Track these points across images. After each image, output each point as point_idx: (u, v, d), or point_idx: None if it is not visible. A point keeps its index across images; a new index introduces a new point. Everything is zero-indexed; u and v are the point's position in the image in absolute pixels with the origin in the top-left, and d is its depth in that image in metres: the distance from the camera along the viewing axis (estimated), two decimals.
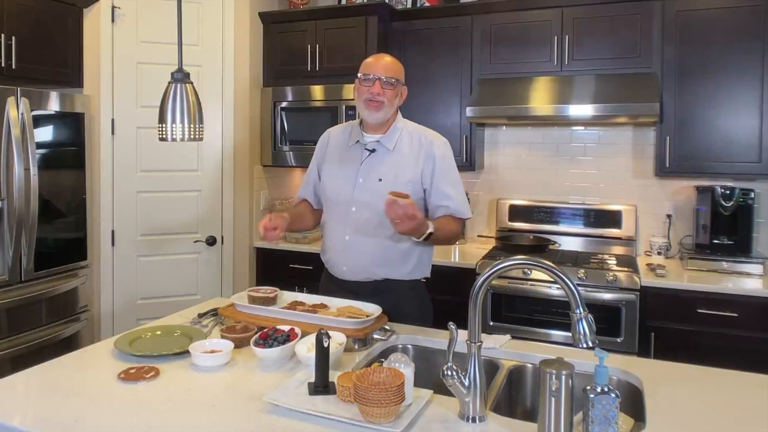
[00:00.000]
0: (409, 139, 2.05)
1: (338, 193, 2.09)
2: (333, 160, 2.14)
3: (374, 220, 2.00)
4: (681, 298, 2.72)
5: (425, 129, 2.12)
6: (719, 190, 2.99)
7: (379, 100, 1.98)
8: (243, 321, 1.84)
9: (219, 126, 3.47)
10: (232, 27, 3.47)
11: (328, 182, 2.14)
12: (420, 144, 2.04)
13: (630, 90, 2.96)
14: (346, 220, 2.06)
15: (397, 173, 2.01)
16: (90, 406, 1.35)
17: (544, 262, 1.29)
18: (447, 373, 1.30)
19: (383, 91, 1.97)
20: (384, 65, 2.00)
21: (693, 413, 1.36)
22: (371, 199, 2.00)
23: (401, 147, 2.04)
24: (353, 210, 2.04)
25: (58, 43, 3.11)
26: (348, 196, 2.05)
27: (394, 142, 2.04)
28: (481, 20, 3.35)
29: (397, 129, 2.06)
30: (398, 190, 1.92)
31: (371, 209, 2.00)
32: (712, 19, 2.91)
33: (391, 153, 2.04)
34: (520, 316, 2.98)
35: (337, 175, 2.11)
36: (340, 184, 2.08)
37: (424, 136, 2.07)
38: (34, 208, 2.85)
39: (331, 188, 2.12)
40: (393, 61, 2.03)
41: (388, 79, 1.98)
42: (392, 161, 2.03)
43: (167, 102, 1.73)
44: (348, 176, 2.07)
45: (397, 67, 2.03)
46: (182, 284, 3.43)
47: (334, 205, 2.11)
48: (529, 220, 3.52)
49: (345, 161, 2.10)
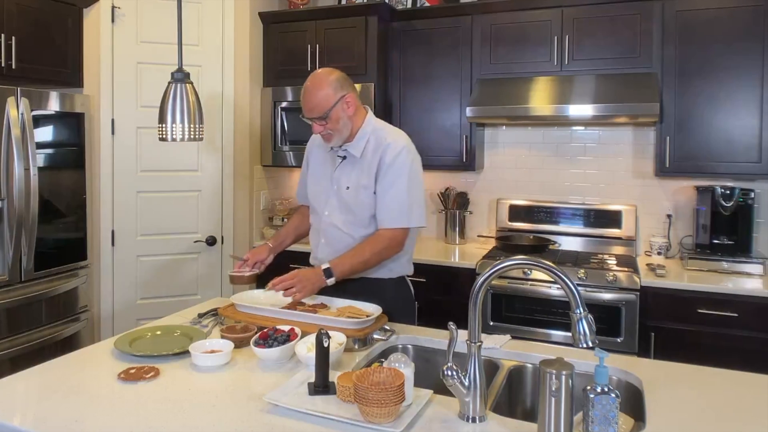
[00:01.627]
0: (375, 145, 2.03)
1: (316, 198, 2.17)
2: (316, 163, 2.20)
3: (346, 225, 2.06)
4: (681, 298, 2.72)
5: (389, 132, 2.07)
6: (719, 190, 2.99)
7: (325, 134, 2.00)
8: (243, 321, 1.84)
9: (219, 126, 3.47)
10: (232, 27, 3.47)
11: (310, 188, 2.21)
12: (377, 148, 2.01)
13: (630, 90, 2.96)
14: (320, 223, 2.13)
15: (359, 180, 2.03)
16: (90, 406, 1.35)
17: (544, 262, 1.29)
18: (447, 373, 1.30)
19: (323, 127, 1.97)
20: (308, 108, 1.96)
21: (693, 413, 1.36)
22: (341, 205, 2.07)
23: (367, 153, 2.03)
24: (326, 214, 2.11)
25: (58, 43, 3.11)
26: (323, 202, 2.12)
27: (361, 149, 2.03)
28: (481, 20, 3.35)
29: (365, 135, 2.04)
30: (360, 197, 2.02)
31: (341, 215, 2.07)
32: (712, 19, 2.91)
33: (358, 160, 2.04)
34: (520, 316, 2.98)
35: (317, 179, 2.18)
36: (318, 190, 2.15)
37: (384, 139, 2.02)
38: (34, 208, 2.85)
39: (312, 194, 2.20)
40: (314, 97, 1.93)
41: (318, 117, 1.94)
42: (358, 168, 2.04)
43: (167, 102, 1.73)
44: (324, 182, 2.13)
45: (321, 97, 1.93)
46: (182, 284, 3.43)
47: (313, 209, 2.19)
48: (529, 220, 3.52)
49: (324, 166, 2.15)
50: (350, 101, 1.98)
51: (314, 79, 1.97)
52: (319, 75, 1.98)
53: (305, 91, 1.96)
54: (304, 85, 1.98)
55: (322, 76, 1.97)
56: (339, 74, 1.99)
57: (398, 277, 2.13)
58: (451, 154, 3.46)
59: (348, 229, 2.05)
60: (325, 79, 1.95)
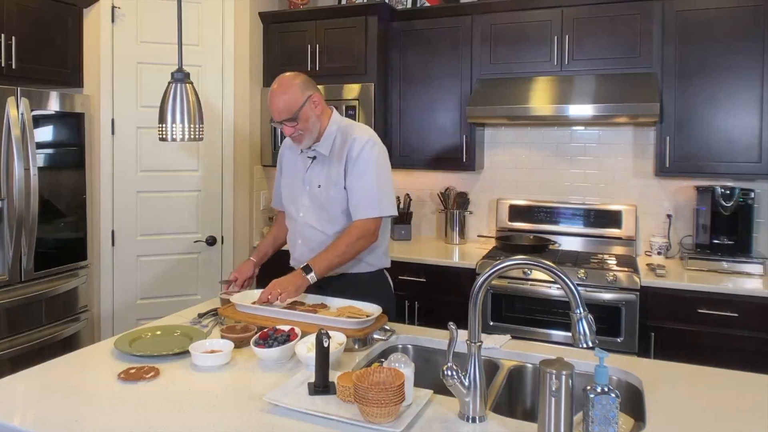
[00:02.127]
0: (342, 142, 2.08)
1: (290, 200, 2.22)
2: (288, 167, 2.25)
3: (317, 224, 2.11)
4: (681, 298, 2.72)
5: (354, 127, 2.13)
6: (719, 190, 2.99)
7: (296, 136, 2.04)
8: (243, 321, 1.84)
9: (219, 126, 3.46)
10: (232, 27, 3.46)
11: (284, 191, 2.27)
12: (343, 144, 2.07)
13: (630, 90, 2.96)
14: (296, 225, 2.19)
15: (329, 177, 2.08)
16: (90, 406, 1.35)
17: (544, 262, 1.29)
18: (447, 373, 1.30)
19: (293, 129, 2.01)
20: (277, 111, 1.99)
21: (693, 413, 1.36)
22: (313, 204, 2.12)
23: (334, 151, 2.09)
24: (300, 215, 2.16)
25: (58, 43, 3.11)
26: (297, 203, 2.17)
27: (329, 148, 2.08)
28: (481, 20, 3.35)
29: (332, 133, 2.10)
30: (331, 193, 2.08)
31: (315, 213, 2.12)
32: (712, 19, 2.91)
33: (326, 158, 2.09)
34: (520, 316, 2.98)
35: (290, 181, 2.23)
36: (292, 192, 2.20)
37: (350, 135, 2.08)
38: (34, 208, 2.85)
39: (285, 196, 2.25)
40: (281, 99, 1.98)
41: (288, 119, 1.98)
42: (327, 166, 2.09)
43: (167, 102, 1.73)
44: (297, 184, 2.18)
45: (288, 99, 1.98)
46: (182, 284, 3.43)
47: (288, 211, 2.24)
48: (529, 220, 3.52)
49: (295, 168, 2.20)
50: (317, 101, 2.04)
51: (280, 84, 2.02)
52: (284, 79, 2.03)
53: (272, 95, 2.00)
54: (270, 90, 2.02)
55: (288, 80, 2.02)
56: (303, 76, 2.05)
57: (377, 270, 2.18)
58: (451, 154, 3.46)
59: (322, 227, 2.10)
60: (290, 83, 2.01)
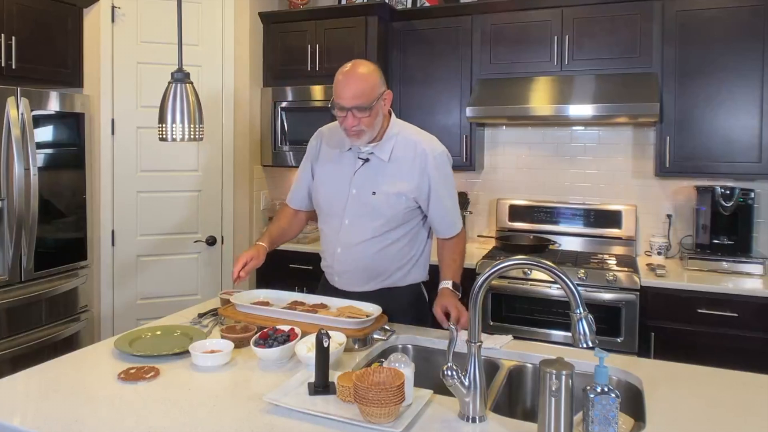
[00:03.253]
0: (404, 149, 1.92)
1: (331, 204, 2.01)
2: (326, 165, 2.04)
3: (367, 234, 1.94)
4: (681, 298, 2.72)
5: (421, 135, 1.99)
6: (719, 190, 2.99)
7: (357, 130, 1.83)
8: (243, 321, 1.84)
9: (219, 126, 3.46)
10: (232, 27, 3.46)
11: (321, 191, 2.05)
12: (415, 155, 1.91)
13: (630, 90, 2.96)
14: (338, 232, 1.99)
15: (390, 186, 1.90)
16: (90, 406, 1.35)
17: (544, 262, 1.29)
18: (447, 373, 1.30)
19: (359, 121, 1.80)
20: (352, 94, 1.77)
21: (693, 413, 1.36)
22: (364, 211, 1.93)
23: (396, 157, 1.91)
24: (346, 223, 1.96)
25: (58, 43, 3.11)
26: (340, 209, 1.97)
27: (389, 152, 1.91)
28: (481, 20, 3.34)
29: (392, 136, 1.93)
30: (391, 203, 1.92)
31: (363, 222, 1.94)
32: (712, 19, 2.91)
33: (385, 164, 1.91)
34: (520, 316, 2.98)
35: (330, 184, 2.01)
36: (333, 195, 1.99)
37: (420, 145, 1.93)
38: (34, 208, 2.85)
39: (324, 198, 2.03)
40: (362, 83, 1.78)
41: (360, 107, 1.78)
42: (387, 173, 1.91)
43: (167, 102, 1.73)
44: (341, 187, 1.97)
45: (369, 85, 1.79)
46: (182, 284, 3.43)
47: (327, 215, 2.04)
48: (529, 220, 3.51)
49: (338, 169, 1.99)
50: (388, 99, 1.89)
51: (359, 67, 1.81)
52: (364, 64, 1.84)
53: (348, 78, 1.79)
54: (344, 72, 1.81)
55: (368, 66, 1.83)
56: (380, 70, 1.88)
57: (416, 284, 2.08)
58: (451, 154, 3.42)
59: (371, 237, 1.93)
60: (371, 69, 1.83)
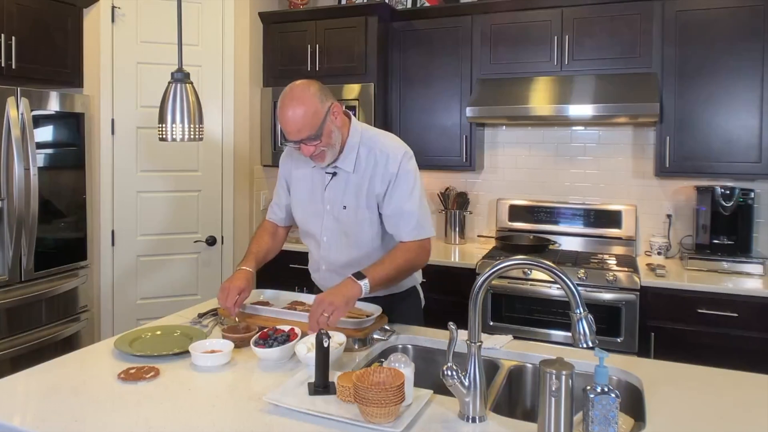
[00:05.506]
0: (367, 156, 1.88)
1: (308, 222, 2.01)
2: (299, 184, 2.02)
3: (347, 247, 1.94)
4: (681, 298, 2.72)
5: (382, 140, 1.92)
6: (719, 190, 2.99)
7: (317, 154, 1.80)
8: (242, 321, 1.84)
9: (219, 126, 3.46)
10: (232, 27, 3.46)
11: (298, 209, 2.03)
12: (376, 161, 1.87)
13: (630, 90, 2.96)
14: (319, 249, 1.99)
15: (357, 198, 1.89)
16: (90, 406, 1.35)
17: (544, 262, 1.29)
18: (447, 373, 1.30)
19: (315, 146, 1.77)
20: (296, 128, 1.73)
21: (693, 413, 1.36)
22: (339, 227, 1.93)
23: (359, 167, 1.88)
24: (325, 240, 1.96)
25: (58, 43, 3.11)
26: (318, 226, 1.97)
27: (352, 164, 1.88)
28: (481, 20, 3.35)
29: (353, 146, 1.88)
30: (360, 215, 1.88)
31: (341, 237, 1.94)
32: (712, 19, 2.91)
33: (350, 175, 1.89)
34: (520, 316, 2.98)
35: (306, 202, 2.00)
36: (310, 213, 1.99)
37: (381, 150, 1.88)
38: (34, 208, 2.85)
39: (302, 217, 2.03)
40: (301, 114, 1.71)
41: (310, 137, 1.74)
42: (353, 184, 1.89)
43: (167, 102, 1.73)
44: (315, 203, 1.97)
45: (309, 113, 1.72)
46: (182, 284, 3.43)
47: (306, 233, 2.05)
48: (529, 220, 3.52)
49: (311, 186, 1.98)
50: (336, 111, 1.81)
51: (294, 96, 1.74)
52: (298, 89, 1.75)
53: (286, 110, 1.73)
54: (283, 105, 1.74)
55: (302, 90, 1.75)
56: (317, 84, 1.80)
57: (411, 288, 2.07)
58: (451, 154, 3.46)
59: (349, 251, 1.93)
60: (306, 92, 1.74)
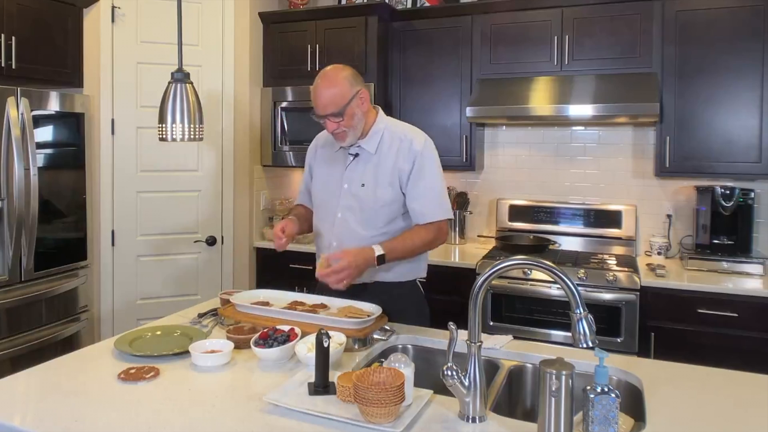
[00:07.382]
0: (390, 140, 2.02)
1: (324, 199, 2.11)
2: (322, 166, 2.15)
3: (360, 225, 2.01)
4: (681, 298, 2.72)
5: (407, 128, 2.08)
6: (719, 190, 2.99)
7: (339, 132, 1.96)
8: (242, 321, 1.84)
9: (219, 126, 3.47)
10: (232, 27, 3.47)
11: (317, 187, 2.16)
12: (400, 144, 2.00)
13: (630, 90, 2.96)
14: (332, 225, 2.06)
15: (377, 177, 1.99)
16: (90, 406, 1.35)
17: (544, 262, 1.29)
18: (447, 373, 1.30)
19: (337, 124, 1.93)
20: (323, 104, 1.91)
21: (693, 413, 1.36)
22: (355, 204, 2.02)
23: (383, 149, 2.01)
24: (339, 216, 2.04)
25: (58, 43, 3.11)
26: (334, 202, 2.06)
27: (375, 146, 2.01)
28: (481, 20, 3.35)
29: (378, 131, 2.02)
30: (379, 193, 1.98)
31: (356, 214, 2.02)
32: (712, 19, 2.91)
33: (372, 156, 2.01)
34: (520, 316, 2.98)
35: (324, 181, 2.12)
36: (327, 190, 2.10)
37: (405, 135, 2.02)
38: (34, 208, 2.85)
39: (318, 194, 2.14)
40: (331, 91, 1.90)
41: (334, 113, 1.90)
42: (373, 165, 2.01)
43: (167, 102, 1.73)
44: (334, 182, 2.07)
45: (338, 92, 1.90)
46: (182, 284, 3.43)
47: (322, 210, 2.13)
48: (529, 220, 3.52)
49: (332, 167, 2.10)
50: (364, 97, 1.97)
51: (327, 76, 1.93)
52: (332, 71, 1.94)
53: (318, 88, 1.91)
54: (316, 82, 1.93)
55: (335, 72, 1.93)
56: (351, 70, 1.97)
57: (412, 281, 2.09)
58: (451, 154, 3.46)
59: (364, 228, 2.00)
60: (338, 75, 1.92)
